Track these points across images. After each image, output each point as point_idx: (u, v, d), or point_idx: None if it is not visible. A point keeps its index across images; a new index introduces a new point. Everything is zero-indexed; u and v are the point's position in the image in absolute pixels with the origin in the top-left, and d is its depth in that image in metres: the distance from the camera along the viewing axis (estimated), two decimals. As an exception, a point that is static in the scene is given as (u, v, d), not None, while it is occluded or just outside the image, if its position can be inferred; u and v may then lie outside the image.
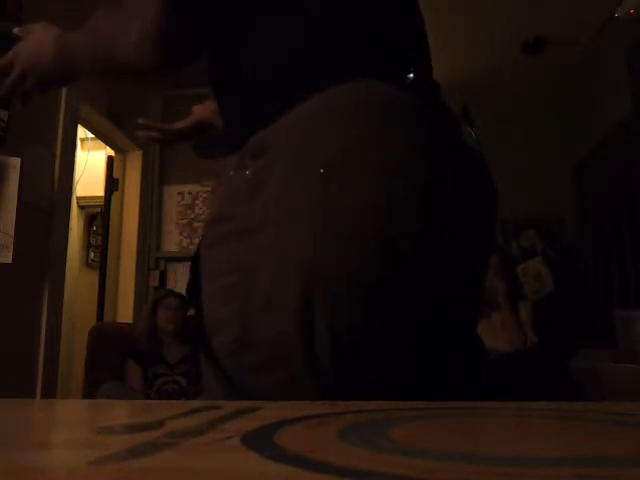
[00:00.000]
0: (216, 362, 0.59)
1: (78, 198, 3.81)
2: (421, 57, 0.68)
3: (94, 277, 3.39)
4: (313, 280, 0.52)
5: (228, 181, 0.62)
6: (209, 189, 3.41)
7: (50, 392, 2.24)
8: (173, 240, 3.41)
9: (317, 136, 0.55)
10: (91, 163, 3.75)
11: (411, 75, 0.61)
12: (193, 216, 3.42)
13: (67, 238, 2.48)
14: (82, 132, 3.22)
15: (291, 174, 0.55)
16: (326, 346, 0.52)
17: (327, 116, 0.56)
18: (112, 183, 3.25)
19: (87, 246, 4.16)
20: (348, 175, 0.53)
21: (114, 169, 3.29)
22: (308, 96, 0.56)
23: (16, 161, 1.98)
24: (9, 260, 1.92)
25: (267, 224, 0.55)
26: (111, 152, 3.34)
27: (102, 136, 3.15)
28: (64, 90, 2.43)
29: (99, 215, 3.80)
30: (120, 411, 0.44)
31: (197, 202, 3.43)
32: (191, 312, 0.64)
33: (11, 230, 1.94)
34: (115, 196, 3.27)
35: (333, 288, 0.52)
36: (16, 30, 0.80)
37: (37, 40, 0.77)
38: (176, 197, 3.45)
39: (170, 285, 3.27)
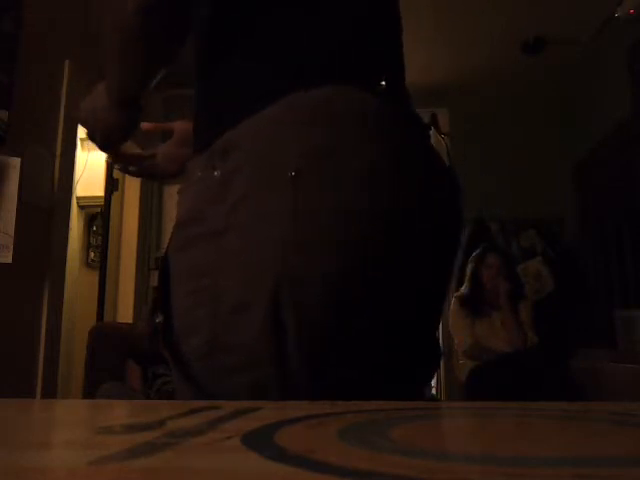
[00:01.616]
0: (185, 366, 0.58)
1: (78, 198, 3.80)
2: (394, 66, 0.68)
3: (94, 277, 3.39)
4: (282, 283, 0.52)
5: (196, 182, 0.61)
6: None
7: (50, 392, 2.24)
8: (173, 240, 3.41)
9: (285, 138, 0.55)
10: (91, 163, 3.74)
11: (383, 83, 0.62)
12: (193, 216, 3.42)
13: (67, 238, 2.48)
14: (82, 132, 3.22)
15: (259, 176, 0.55)
16: (296, 348, 0.52)
17: (295, 119, 0.56)
18: (112, 183, 3.25)
19: (87, 246, 4.16)
20: (318, 177, 0.54)
21: (114, 169, 3.29)
22: (275, 99, 0.56)
23: (16, 161, 1.98)
24: (9, 260, 1.92)
25: (235, 226, 0.54)
26: (111, 152, 3.34)
27: (102, 136, 3.14)
28: (64, 90, 2.43)
29: (99, 215, 3.79)
30: (120, 411, 0.44)
31: (197, 202, 3.43)
32: (159, 318, 0.63)
33: (11, 230, 1.94)
34: (115, 196, 3.26)
35: (302, 290, 0.52)
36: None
37: (91, 97, 0.80)
38: (176, 197, 3.44)
39: (170, 285, 3.27)
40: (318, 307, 0.53)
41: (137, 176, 0.98)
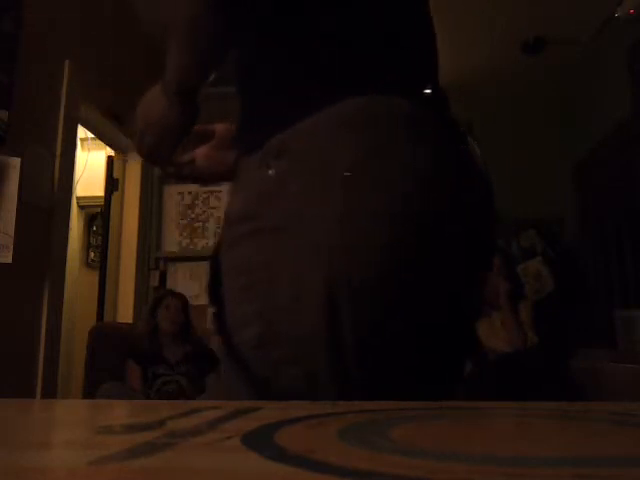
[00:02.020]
0: (238, 357, 0.60)
1: (78, 198, 3.81)
2: (435, 70, 0.71)
3: (94, 277, 3.39)
4: (336, 281, 0.54)
5: (250, 181, 0.63)
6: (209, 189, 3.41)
7: (50, 392, 2.24)
8: (173, 240, 3.40)
9: (337, 142, 0.58)
10: (91, 163, 3.75)
11: (428, 90, 0.65)
12: (193, 216, 3.42)
13: (67, 238, 2.48)
14: (82, 132, 3.22)
15: (313, 176, 0.57)
16: (349, 346, 0.54)
17: (345, 124, 0.58)
18: (112, 183, 3.25)
19: (87, 246, 4.16)
20: (371, 178, 0.56)
21: (114, 169, 3.29)
22: (325, 105, 0.59)
23: (16, 161, 1.98)
24: (9, 260, 1.92)
25: (289, 224, 0.57)
26: (111, 152, 3.34)
27: (102, 136, 3.15)
28: (64, 90, 2.43)
29: (99, 215, 3.79)
30: (120, 411, 0.44)
31: (197, 202, 3.43)
32: (212, 309, 0.67)
33: (11, 230, 1.94)
34: (115, 196, 3.26)
35: (356, 289, 0.54)
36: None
37: (145, 102, 0.79)
38: (176, 197, 3.45)
39: (170, 285, 3.27)
40: (371, 306, 0.55)
41: (179, 181, 1.00)
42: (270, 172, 0.59)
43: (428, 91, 0.64)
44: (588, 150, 3.51)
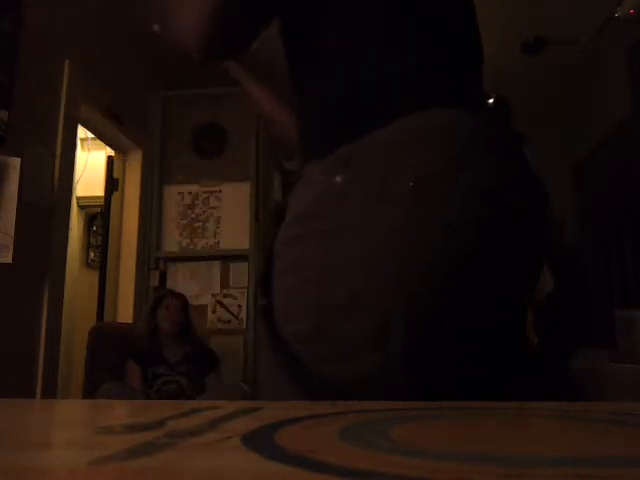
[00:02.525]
0: (287, 350, 0.62)
1: (78, 198, 3.81)
2: (482, 80, 0.73)
3: (94, 277, 3.39)
4: (395, 285, 0.56)
5: (317, 184, 0.65)
6: (208, 189, 3.41)
7: (50, 392, 2.24)
8: (173, 240, 3.40)
9: (405, 155, 0.60)
10: (91, 163, 3.75)
11: (491, 100, 0.66)
12: (193, 216, 3.42)
13: (67, 238, 2.48)
14: (82, 132, 3.22)
15: (378, 187, 0.59)
16: (400, 350, 0.55)
17: (411, 140, 0.61)
18: (112, 183, 3.25)
19: (87, 246, 4.16)
20: (436, 192, 0.58)
21: (114, 169, 3.29)
22: (396, 117, 0.61)
23: (16, 161, 1.98)
24: (9, 260, 1.92)
25: (351, 227, 0.59)
26: (111, 152, 3.34)
27: (102, 136, 3.15)
28: (64, 90, 2.43)
29: (99, 215, 3.79)
30: (120, 411, 0.44)
31: (197, 202, 3.43)
32: (262, 302, 0.70)
33: (11, 230, 1.94)
34: (115, 196, 3.26)
35: (414, 295, 0.56)
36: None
37: None
38: (176, 197, 3.45)
39: (170, 285, 3.27)
40: (425, 318, 0.56)
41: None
42: (337, 179, 0.61)
43: (491, 101, 0.66)
44: (588, 150, 3.51)
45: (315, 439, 0.26)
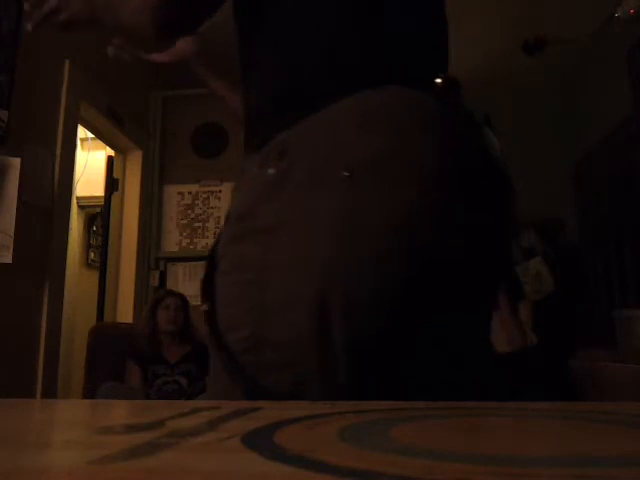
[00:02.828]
0: (230, 358, 0.59)
1: (78, 198, 3.81)
2: (445, 59, 0.69)
3: (94, 277, 3.39)
4: (330, 282, 0.52)
5: (251, 179, 0.62)
6: (209, 189, 3.41)
7: (50, 392, 2.24)
8: (173, 240, 3.40)
9: (340, 140, 0.56)
10: (91, 163, 3.74)
11: (439, 80, 0.62)
12: (193, 216, 3.42)
13: (67, 238, 2.48)
14: (82, 132, 3.22)
15: (312, 176, 0.55)
16: (340, 348, 0.52)
17: (352, 121, 0.56)
18: (112, 183, 3.25)
19: (87, 246, 4.16)
20: (373, 180, 0.54)
21: (114, 169, 3.28)
22: (333, 102, 0.57)
23: (16, 161, 1.98)
24: (9, 260, 1.92)
25: (286, 224, 0.55)
26: (111, 152, 3.34)
27: (102, 136, 3.15)
28: (64, 90, 2.43)
29: (99, 215, 3.79)
30: (120, 411, 0.44)
31: (197, 202, 3.43)
32: (204, 307, 0.66)
33: (11, 230, 1.94)
34: (115, 196, 3.26)
35: (350, 292, 0.52)
36: None
37: None
38: (176, 197, 3.45)
39: (170, 285, 3.27)
40: (365, 310, 0.53)
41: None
42: (270, 171, 0.58)
43: (439, 80, 0.63)
44: (588, 150, 3.51)
45: (315, 439, 0.26)
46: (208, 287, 0.63)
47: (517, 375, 2.47)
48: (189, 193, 3.44)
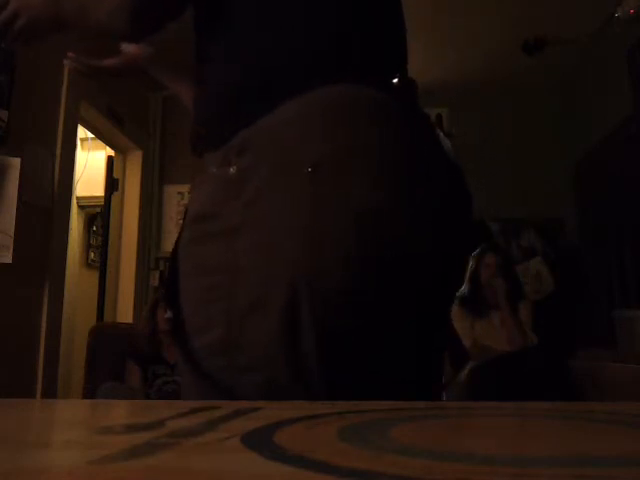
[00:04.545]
0: (197, 363, 0.58)
1: (78, 198, 3.81)
2: (403, 60, 0.68)
3: (94, 277, 3.39)
4: (298, 280, 0.51)
5: (211, 178, 0.61)
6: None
7: (50, 392, 2.24)
8: (173, 240, 3.38)
9: (302, 136, 0.55)
10: (91, 163, 3.74)
11: (396, 80, 0.62)
12: (193, 216, 3.42)
13: (67, 238, 2.48)
14: (82, 132, 3.21)
15: (275, 173, 0.55)
16: (311, 347, 0.52)
17: (313, 117, 0.56)
18: (112, 183, 3.25)
19: (87, 246, 4.16)
20: (336, 175, 0.53)
21: (114, 169, 3.29)
22: (291, 98, 0.56)
23: (16, 161, 1.98)
24: (9, 260, 1.92)
25: (250, 223, 0.54)
26: (111, 152, 3.34)
27: (102, 136, 3.15)
28: (64, 90, 2.43)
29: (99, 215, 3.79)
30: (120, 411, 0.44)
31: (197, 202, 3.43)
32: (168, 314, 0.64)
33: (11, 230, 1.94)
34: (115, 196, 3.26)
35: (319, 288, 0.52)
36: None
37: None
38: (176, 197, 3.45)
39: (170, 285, 3.27)
40: (334, 307, 0.52)
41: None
42: (231, 170, 0.57)
43: (395, 80, 0.62)
44: (588, 150, 3.51)
45: (315, 439, 0.26)
46: (172, 293, 0.61)
47: (517, 375, 2.47)
48: (189, 193, 3.43)
